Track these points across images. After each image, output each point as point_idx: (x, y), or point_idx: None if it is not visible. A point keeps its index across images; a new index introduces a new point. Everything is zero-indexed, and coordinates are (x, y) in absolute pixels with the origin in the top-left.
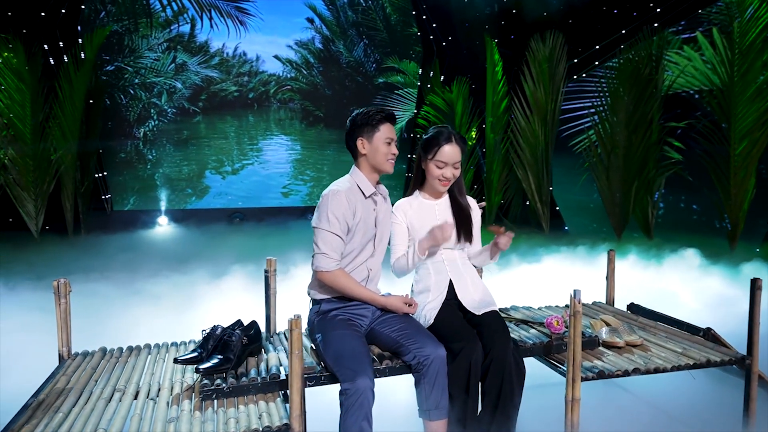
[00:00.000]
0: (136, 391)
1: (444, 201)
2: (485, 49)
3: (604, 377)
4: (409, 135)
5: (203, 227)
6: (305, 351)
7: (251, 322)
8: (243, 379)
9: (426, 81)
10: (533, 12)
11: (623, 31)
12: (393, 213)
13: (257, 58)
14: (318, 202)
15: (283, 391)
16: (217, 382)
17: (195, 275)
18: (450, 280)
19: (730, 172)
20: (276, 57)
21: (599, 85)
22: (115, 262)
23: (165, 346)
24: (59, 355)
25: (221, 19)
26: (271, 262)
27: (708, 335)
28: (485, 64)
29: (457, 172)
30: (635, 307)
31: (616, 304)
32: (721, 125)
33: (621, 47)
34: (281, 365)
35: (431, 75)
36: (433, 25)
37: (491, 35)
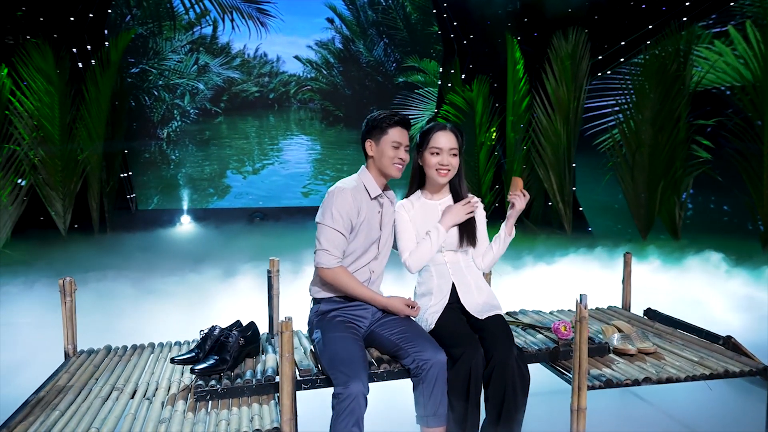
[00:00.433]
0: (133, 390)
1: (447, 201)
2: (507, 47)
3: (612, 386)
4: None
5: (222, 227)
6: (304, 353)
7: (249, 323)
8: (238, 381)
9: (446, 80)
10: (556, 8)
11: (650, 27)
12: (396, 211)
13: (278, 58)
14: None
15: (278, 394)
16: (212, 383)
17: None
18: (453, 283)
19: (763, 171)
20: (296, 57)
21: (624, 82)
22: (133, 260)
23: (168, 345)
24: (65, 353)
25: (242, 21)
26: (274, 262)
27: (728, 343)
28: (507, 62)
29: (455, 161)
30: (652, 313)
31: (633, 308)
32: (755, 122)
33: (647, 43)
34: (278, 367)
35: (452, 74)
36: (454, 24)
37: (513, 33)
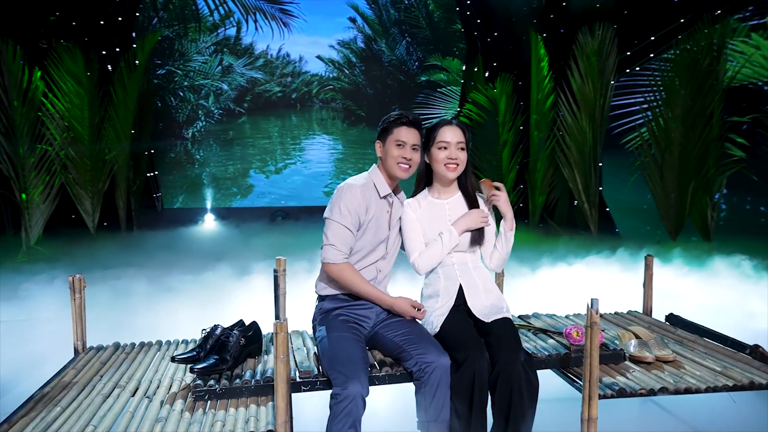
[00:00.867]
0: (135, 388)
1: (455, 200)
2: (531, 45)
3: (625, 395)
4: None
5: (243, 225)
6: (306, 354)
7: (251, 322)
8: (236, 381)
9: (469, 78)
10: (584, 3)
11: (682, 21)
12: (404, 210)
13: (300, 58)
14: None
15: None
16: (210, 383)
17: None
18: (460, 284)
19: None
20: (318, 57)
21: (653, 79)
22: (155, 258)
23: (176, 343)
24: (74, 349)
25: (266, 22)
26: (281, 261)
27: (755, 353)
28: (531, 59)
29: (463, 155)
30: (674, 318)
31: (655, 314)
32: None
33: (678, 38)
34: None
35: (475, 72)
36: (478, 21)
37: (539, 30)
